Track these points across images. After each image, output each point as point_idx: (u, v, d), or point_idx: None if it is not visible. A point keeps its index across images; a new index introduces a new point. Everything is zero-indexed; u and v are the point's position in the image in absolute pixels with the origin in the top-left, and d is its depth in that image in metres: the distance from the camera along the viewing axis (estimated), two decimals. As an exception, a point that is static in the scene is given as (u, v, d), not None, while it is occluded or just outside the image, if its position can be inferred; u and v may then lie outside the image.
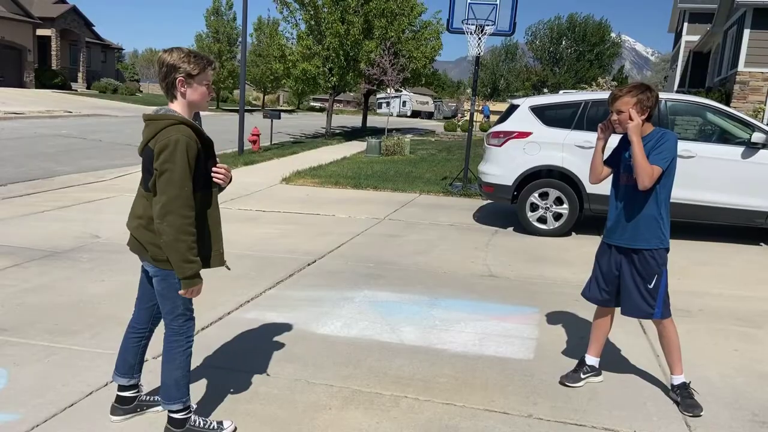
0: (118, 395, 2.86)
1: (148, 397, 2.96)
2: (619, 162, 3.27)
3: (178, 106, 2.56)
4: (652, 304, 3.17)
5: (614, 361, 3.71)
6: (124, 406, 2.86)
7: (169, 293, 2.61)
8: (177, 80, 2.52)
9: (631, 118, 3.04)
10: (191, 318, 2.70)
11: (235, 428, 2.82)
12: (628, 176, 3.16)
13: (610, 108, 3.15)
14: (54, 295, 4.55)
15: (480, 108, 40.60)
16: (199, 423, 2.72)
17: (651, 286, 3.16)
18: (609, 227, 3.30)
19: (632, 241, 3.18)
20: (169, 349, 2.67)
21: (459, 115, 38.09)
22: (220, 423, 2.77)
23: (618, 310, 3.41)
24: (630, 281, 3.21)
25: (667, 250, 3.20)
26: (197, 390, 3.12)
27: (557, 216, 7.44)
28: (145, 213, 2.59)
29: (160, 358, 2.66)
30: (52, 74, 38.85)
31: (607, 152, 3.36)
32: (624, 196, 3.21)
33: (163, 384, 2.68)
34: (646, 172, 2.99)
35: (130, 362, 2.83)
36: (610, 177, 3.36)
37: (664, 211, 3.15)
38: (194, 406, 2.82)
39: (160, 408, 2.92)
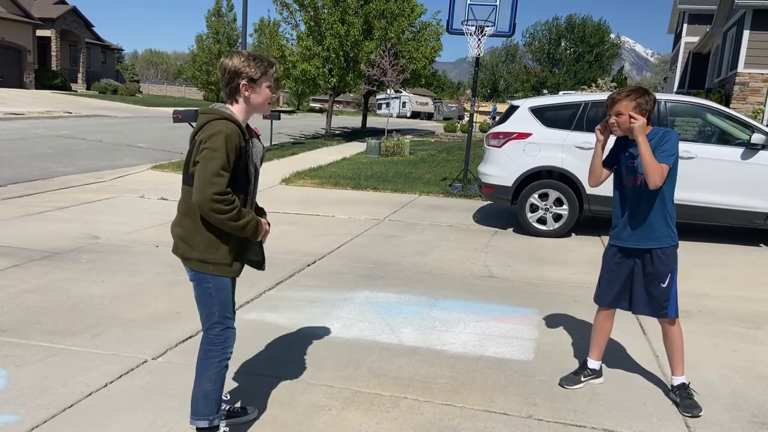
0: None
1: (231, 408, 2.90)
2: (618, 163, 3.27)
3: (237, 109, 2.53)
4: (665, 303, 3.19)
5: (614, 361, 3.72)
6: None
7: (203, 299, 2.54)
8: (240, 85, 2.49)
9: (634, 119, 3.04)
10: (229, 327, 2.60)
11: None
12: (632, 177, 3.16)
13: (608, 111, 3.15)
14: (54, 295, 4.55)
15: (479, 108, 40.48)
16: None
17: (665, 285, 3.17)
18: (617, 229, 3.29)
19: (643, 242, 3.18)
20: (203, 359, 2.57)
21: (465, 116, 37.86)
22: None
23: (617, 311, 3.42)
24: (643, 281, 3.21)
25: (677, 246, 3.21)
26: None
27: (557, 217, 7.44)
28: (179, 209, 2.55)
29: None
30: (51, 75, 38.86)
31: (604, 154, 3.36)
32: (629, 197, 3.21)
33: (192, 397, 2.58)
34: (656, 172, 2.98)
35: None
36: (612, 180, 3.36)
37: (670, 209, 3.16)
38: (226, 430, 2.66)
39: (237, 420, 2.85)
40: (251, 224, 2.48)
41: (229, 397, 2.99)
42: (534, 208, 7.50)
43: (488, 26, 10.16)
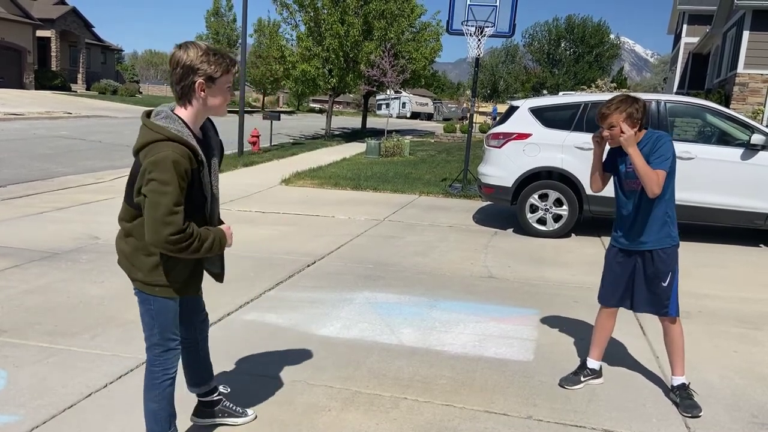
0: (199, 400, 2.82)
1: (231, 405, 2.89)
2: (616, 168, 3.29)
3: (189, 113, 2.24)
4: (667, 302, 3.21)
5: (614, 362, 3.71)
6: (207, 409, 2.83)
7: (145, 318, 2.38)
8: (196, 84, 2.17)
9: (622, 132, 3.04)
10: (171, 349, 2.43)
11: None
12: (631, 182, 3.17)
13: (600, 124, 3.15)
14: (53, 296, 4.55)
15: (479, 108, 40.45)
16: None
17: (666, 284, 3.20)
18: (618, 231, 3.31)
19: (644, 243, 3.20)
20: (147, 378, 2.45)
21: (467, 115, 37.89)
22: None
23: (617, 311, 3.43)
24: (645, 281, 3.24)
25: (678, 246, 3.22)
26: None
27: (557, 217, 7.44)
28: (121, 225, 2.35)
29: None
30: (51, 75, 38.85)
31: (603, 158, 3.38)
32: (630, 200, 3.22)
33: (144, 413, 2.49)
34: (652, 181, 3.00)
35: (194, 372, 2.76)
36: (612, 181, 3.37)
37: (670, 210, 3.18)
38: None
39: (239, 420, 2.88)
40: (216, 243, 2.29)
41: (229, 390, 2.99)
42: (534, 209, 7.50)
43: (488, 27, 10.16)
